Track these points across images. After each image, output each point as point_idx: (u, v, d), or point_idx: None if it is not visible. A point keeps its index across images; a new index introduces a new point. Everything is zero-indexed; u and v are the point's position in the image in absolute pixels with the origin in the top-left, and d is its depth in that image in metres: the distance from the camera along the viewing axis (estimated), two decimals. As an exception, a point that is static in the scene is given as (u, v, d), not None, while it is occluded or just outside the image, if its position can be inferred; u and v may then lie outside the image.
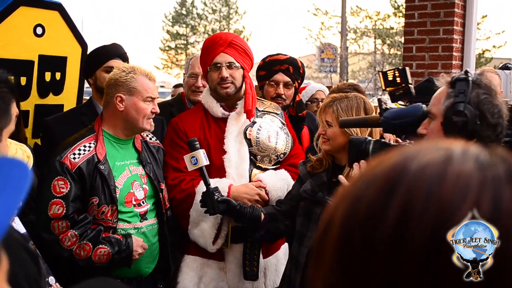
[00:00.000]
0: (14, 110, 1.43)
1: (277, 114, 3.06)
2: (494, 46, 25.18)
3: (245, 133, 2.87)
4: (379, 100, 2.11)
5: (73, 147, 2.53)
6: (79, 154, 2.52)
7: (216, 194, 2.55)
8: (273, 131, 2.93)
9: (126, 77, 2.58)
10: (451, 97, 1.74)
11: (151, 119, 2.65)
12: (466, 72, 1.76)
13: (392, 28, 24.30)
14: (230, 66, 2.85)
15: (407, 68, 2.37)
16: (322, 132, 2.47)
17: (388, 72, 2.38)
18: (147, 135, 2.84)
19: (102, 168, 2.53)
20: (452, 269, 0.53)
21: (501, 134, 1.74)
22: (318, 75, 25.16)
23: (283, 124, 3.04)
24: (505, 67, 5.26)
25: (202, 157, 2.58)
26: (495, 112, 1.71)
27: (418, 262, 0.53)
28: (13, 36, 3.17)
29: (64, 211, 2.45)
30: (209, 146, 2.84)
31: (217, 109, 2.91)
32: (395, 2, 25.24)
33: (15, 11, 3.15)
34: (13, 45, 3.18)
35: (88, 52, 3.50)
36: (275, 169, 2.92)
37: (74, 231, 2.47)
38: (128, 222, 2.61)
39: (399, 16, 23.98)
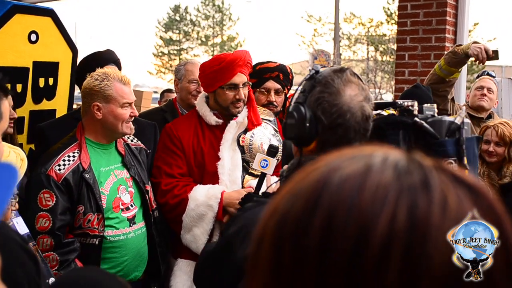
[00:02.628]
0: (5, 108, 1.38)
1: (270, 121, 3.08)
2: (486, 53, 25.31)
3: (238, 140, 2.90)
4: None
5: (57, 157, 2.51)
6: (64, 165, 2.51)
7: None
8: (266, 138, 2.95)
9: (100, 85, 2.55)
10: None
11: (130, 123, 2.65)
12: (312, 69, 1.55)
13: (385, 35, 24.41)
14: (244, 85, 2.89)
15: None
16: None
17: None
18: (128, 137, 2.84)
19: (87, 176, 2.52)
20: (375, 275, 0.53)
21: (345, 137, 1.47)
22: (311, 82, 25.18)
23: (276, 131, 3.06)
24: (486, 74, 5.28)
25: (273, 167, 2.61)
26: (333, 112, 1.46)
27: (343, 272, 0.54)
28: (9, 44, 3.19)
29: (51, 225, 2.43)
30: (203, 152, 2.87)
31: (211, 118, 2.93)
32: (388, 9, 25.39)
33: (11, 19, 3.17)
34: (9, 52, 3.20)
35: (79, 58, 3.51)
36: (267, 175, 2.94)
37: (56, 255, 2.44)
38: (117, 228, 2.61)
39: (392, 24, 24.11)
